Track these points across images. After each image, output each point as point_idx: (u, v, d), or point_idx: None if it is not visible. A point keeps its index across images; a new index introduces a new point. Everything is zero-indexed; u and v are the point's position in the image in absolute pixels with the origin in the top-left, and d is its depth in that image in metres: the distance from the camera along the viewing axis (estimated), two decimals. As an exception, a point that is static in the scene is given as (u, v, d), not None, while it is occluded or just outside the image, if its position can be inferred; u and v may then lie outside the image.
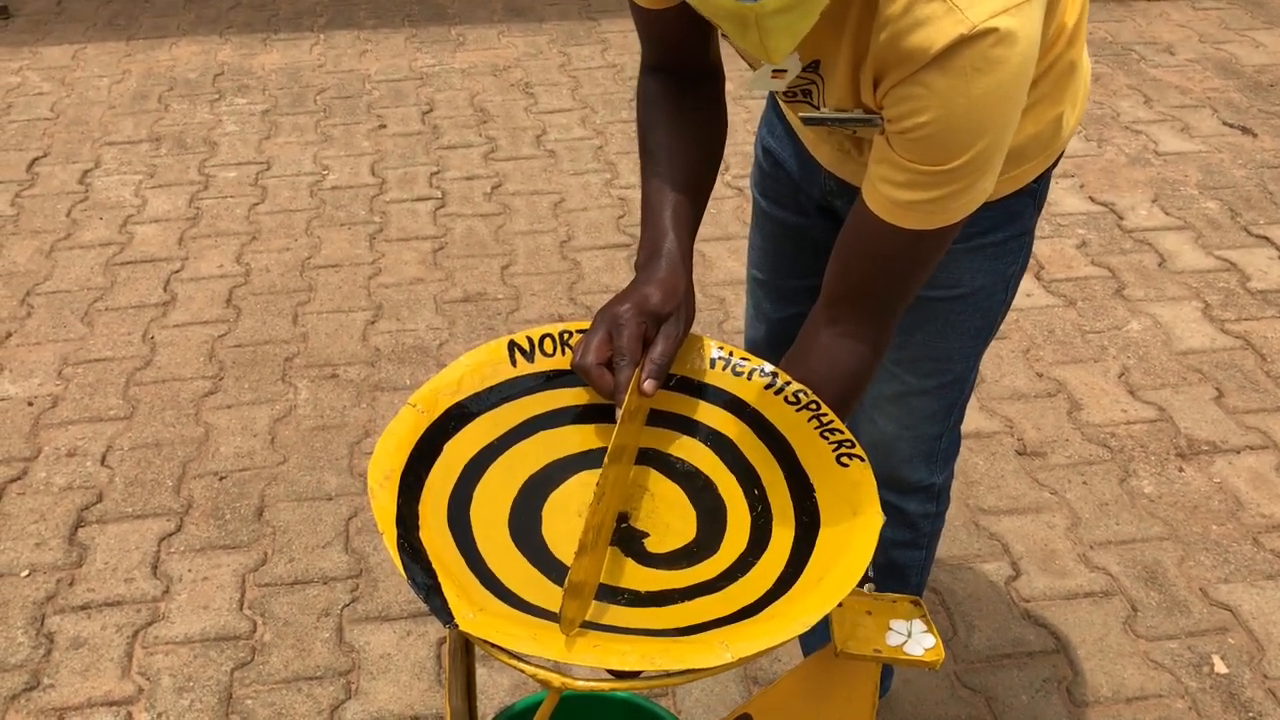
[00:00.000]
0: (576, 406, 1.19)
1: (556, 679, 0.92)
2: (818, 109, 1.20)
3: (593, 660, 0.89)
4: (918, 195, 1.06)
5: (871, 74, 1.06)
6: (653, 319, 1.14)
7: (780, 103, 1.43)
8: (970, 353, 1.48)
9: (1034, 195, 1.37)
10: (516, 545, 1.04)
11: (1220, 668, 2.00)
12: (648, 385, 1.11)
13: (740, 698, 1.95)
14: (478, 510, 1.06)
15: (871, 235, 1.12)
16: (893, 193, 1.07)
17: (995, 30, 0.96)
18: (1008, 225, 1.37)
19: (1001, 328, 2.39)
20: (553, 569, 1.01)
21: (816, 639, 1.12)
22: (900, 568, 1.72)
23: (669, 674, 0.91)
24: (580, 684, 0.92)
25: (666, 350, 1.13)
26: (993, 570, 2.19)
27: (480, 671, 1.95)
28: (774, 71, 1.14)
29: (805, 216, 1.51)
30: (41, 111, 3.99)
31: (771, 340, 1.65)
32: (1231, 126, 3.89)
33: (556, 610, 0.93)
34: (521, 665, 0.92)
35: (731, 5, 0.89)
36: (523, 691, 1.94)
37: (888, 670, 1.89)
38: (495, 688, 1.95)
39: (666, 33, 1.25)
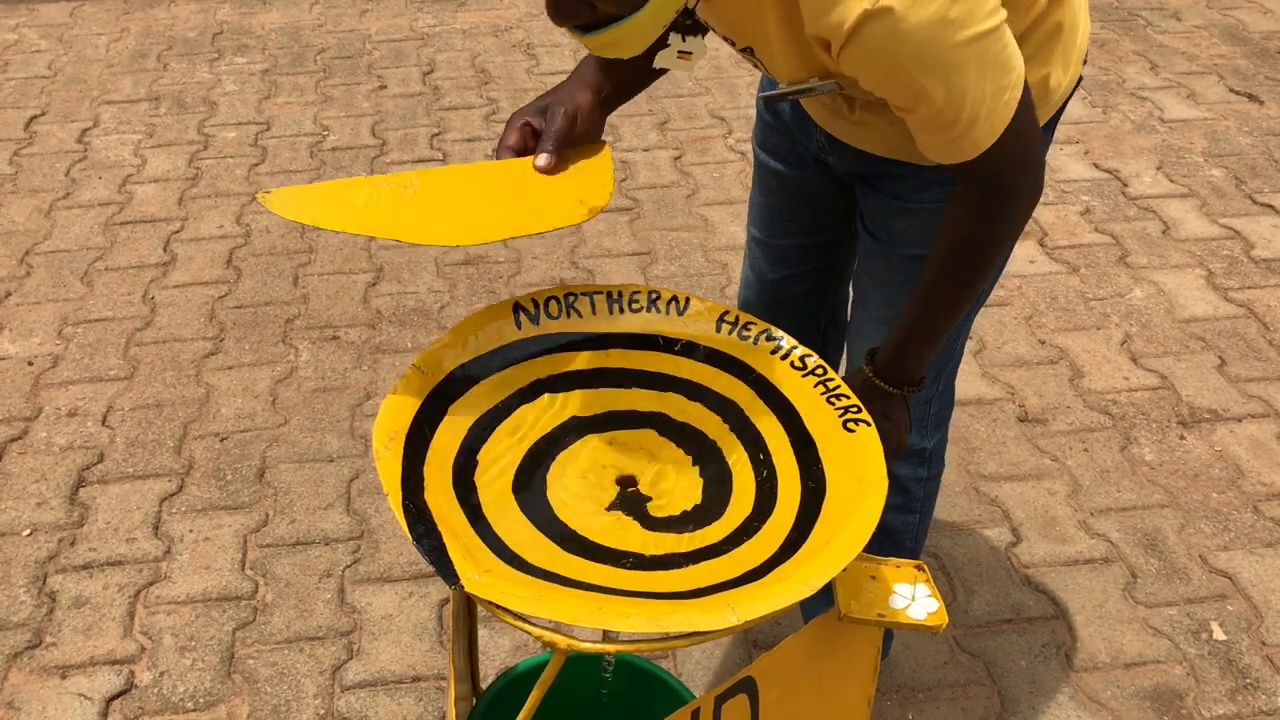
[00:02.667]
0: (581, 370, 1.18)
1: (562, 640, 0.92)
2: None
3: (598, 623, 0.89)
4: (936, 137, 1.13)
5: (817, 41, 1.10)
6: (534, 112, 1.25)
7: None
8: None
9: None
10: (521, 508, 1.04)
11: (1218, 634, 2.01)
12: (541, 160, 1.20)
13: (742, 661, 1.96)
14: (482, 473, 1.06)
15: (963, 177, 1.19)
16: (924, 139, 1.15)
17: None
18: None
19: (1004, 294, 2.36)
20: (557, 532, 1.02)
21: (817, 603, 1.12)
22: (893, 532, 1.73)
23: (673, 636, 0.92)
24: (585, 645, 0.92)
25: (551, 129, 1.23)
26: (993, 536, 2.20)
27: (481, 633, 1.96)
28: (679, 53, 1.18)
29: (801, 169, 1.54)
30: (39, 69, 3.96)
31: (765, 300, 1.68)
32: (1238, 94, 3.86)
33: (561, 573, 0.93)
34: (526, 627, 0.92)
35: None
36: (524, 653, 1.95)
37: (887, 634, 1.89)
38: (497, 649, 1.96)
39: None
